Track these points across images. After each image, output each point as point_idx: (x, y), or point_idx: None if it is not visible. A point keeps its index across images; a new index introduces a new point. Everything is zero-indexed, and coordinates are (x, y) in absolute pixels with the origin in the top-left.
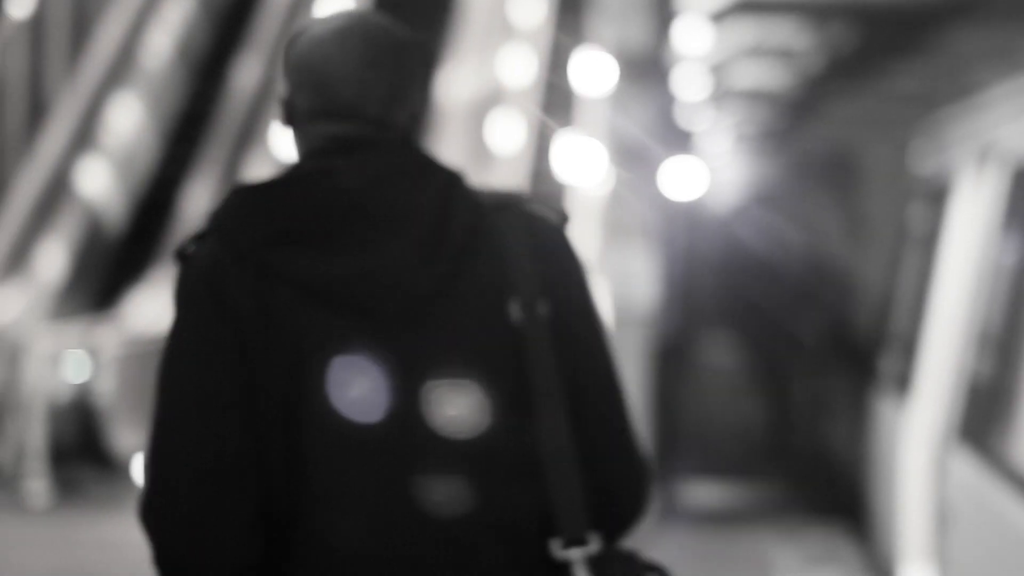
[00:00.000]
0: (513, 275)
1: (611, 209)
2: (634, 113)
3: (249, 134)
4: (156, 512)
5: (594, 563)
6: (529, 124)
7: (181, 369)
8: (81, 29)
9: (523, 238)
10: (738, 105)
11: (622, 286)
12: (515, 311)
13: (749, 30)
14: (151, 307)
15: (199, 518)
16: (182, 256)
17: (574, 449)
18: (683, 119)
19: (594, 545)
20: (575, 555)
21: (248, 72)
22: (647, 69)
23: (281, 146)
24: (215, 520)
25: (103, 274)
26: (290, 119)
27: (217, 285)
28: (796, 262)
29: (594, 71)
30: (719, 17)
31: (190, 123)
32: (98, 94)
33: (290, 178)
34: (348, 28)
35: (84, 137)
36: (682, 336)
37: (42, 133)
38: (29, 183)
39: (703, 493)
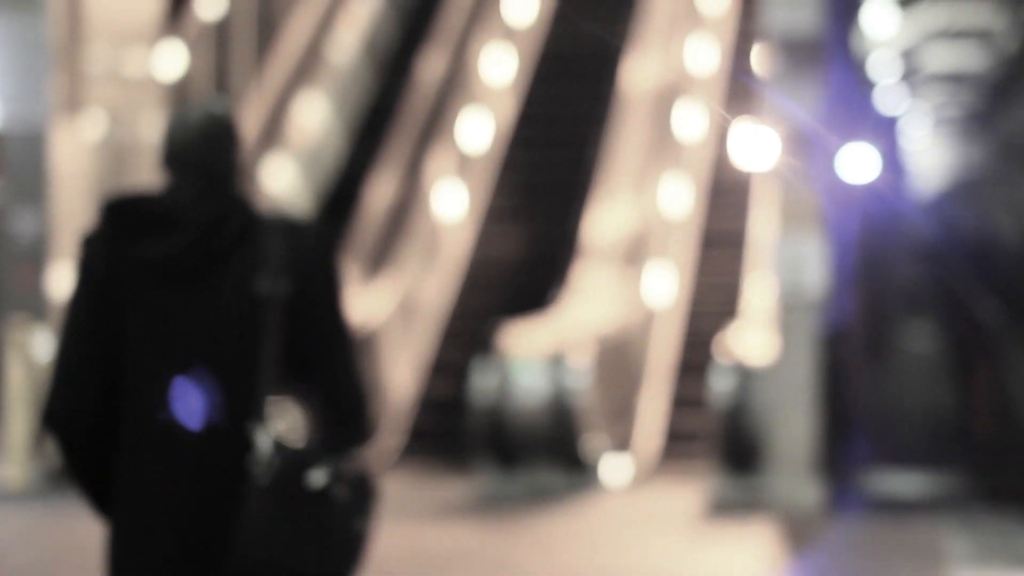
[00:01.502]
0: (268, 260)
1: (785, 196)
2: (815, 99)
3: (434, 127)
4: (50, 388)
5: (275, 443)
6: (711, 112)
7: (69, 307)
8: (267, 28)
9: (280, 240)
10: (934, 88)
11: (792, 272)
12: (262, 283)
13: (940, 13)
14: None
15: (67, 390)
16: (81, 242)
17: (289, 366)
18: (875, 104)
19: (274, 427)
20: (257, 432)
21: (433, 66)
22: (830, 54)
23: (466, 138)
24: (76, 392)
25: None
26: (165, 166)
27: (89, 259)
28: (998, 246)
29: (774, 59)
30: (907, 2)
31: (376, 118)
32: (285, 92)
33: (134, 199)
34: (189, 114)
35: (271, 135)
36: (865, 322)
37: None
38: None
39: (882, 481)
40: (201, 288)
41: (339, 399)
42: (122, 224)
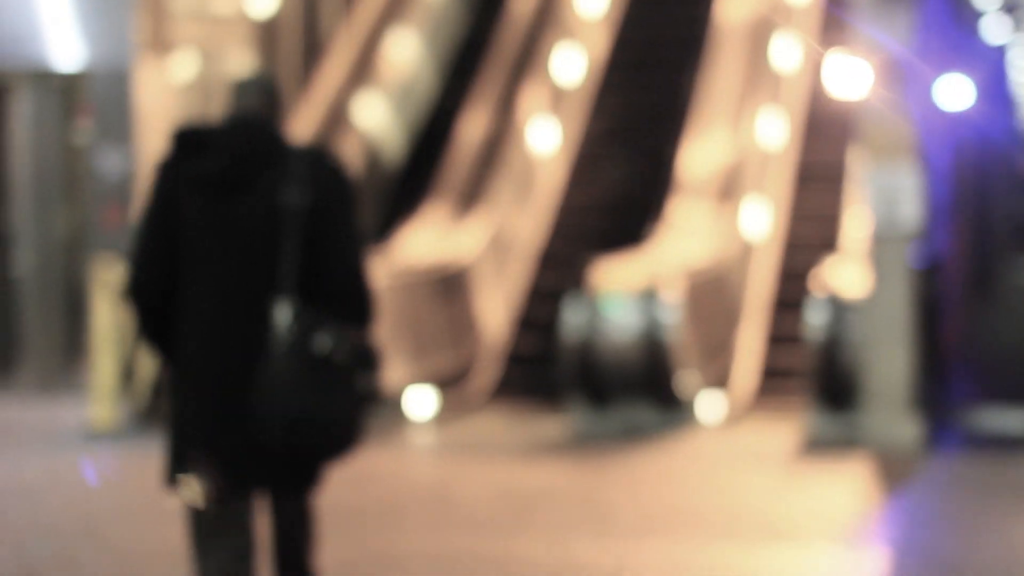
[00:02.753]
0: (292, 180)
1: (880, 127)
2: (910, 29)
3: (527, 61)
4: (128, 270)
5: (295, 317)
6: (806, 43)
7: (144, 211)
8: None
9: (303, 165)
10: None
11: (888, 204)
12: (287, 197)
13: None
14: (421, 239)
15: (141, 273)
16: (158, 162)
17: (304, 264)
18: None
19: (300, 313)
20: (280, 312)
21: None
22: None
23: (559, 71)
24: (147, 275)
25: (380, 207)
26: (226, 110)
27: (159, 176)
28: None
29: None
30: None
31: (468, 53)
32: (376, 29)
33: (190, 129)
34: (246, 79)
35: (362, 72)
36: (967, 255)
37: (320, 70)
38: (307, 118)
39: (983, 418)
40: (235, 199)
41: (344, 287)
42: (179, 148)
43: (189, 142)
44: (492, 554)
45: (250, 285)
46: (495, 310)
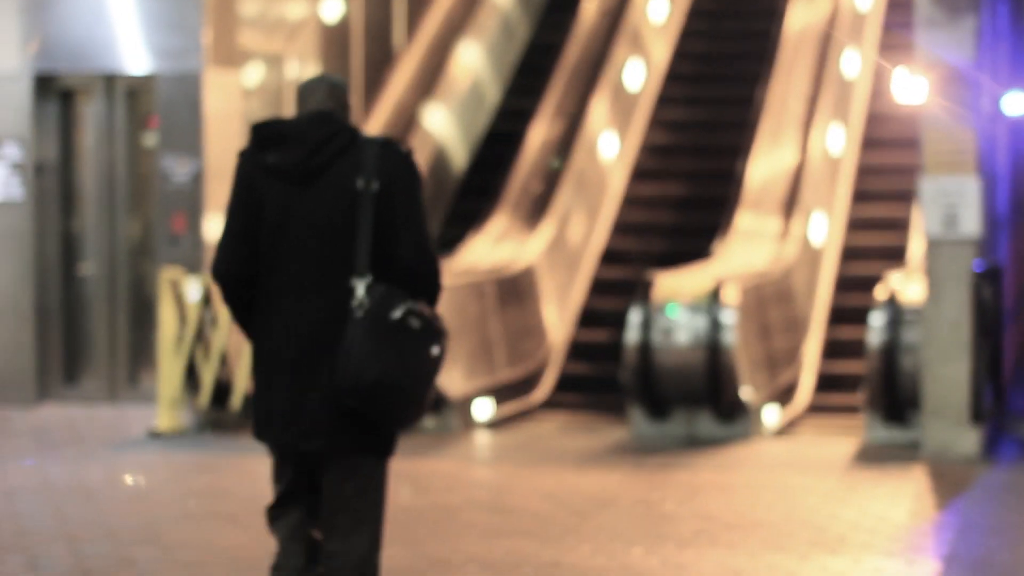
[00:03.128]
0: (362, 164)
1: (942, 136)
2: (973, 41)
3: (593, 68)
4: (216, 252)
5: (369, 290)
6: (869, 54)
7: (229, 199)
8: None
9: (374, 153)
10: None
11: (948, 212)
12: (359, 182)
13: None
14: (486, 245)
15: (227, 254)
16: (240, 153)
17: (376, 243)
18: None
19: (373, 285)
20: (358, 286)
21: (592, 4)
22: None
23: (625, 78)
24: (232, 256)
25: (446, 213)
26: (296, 109)
27: (241, 166)
28: None
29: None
30: None
31: (535, 59)
32: (444, 37)
33: (268, 122)
34: (314, 79)
35: (430, 79)
36: None
37: (389, 76)
38: (375, 125)
39: None
40: (311, 187)
41: (412, 263)
42: (258, 140)
43: (268, 134)
44: (546, 560)
45: (326, 263)
46: (559, 316)
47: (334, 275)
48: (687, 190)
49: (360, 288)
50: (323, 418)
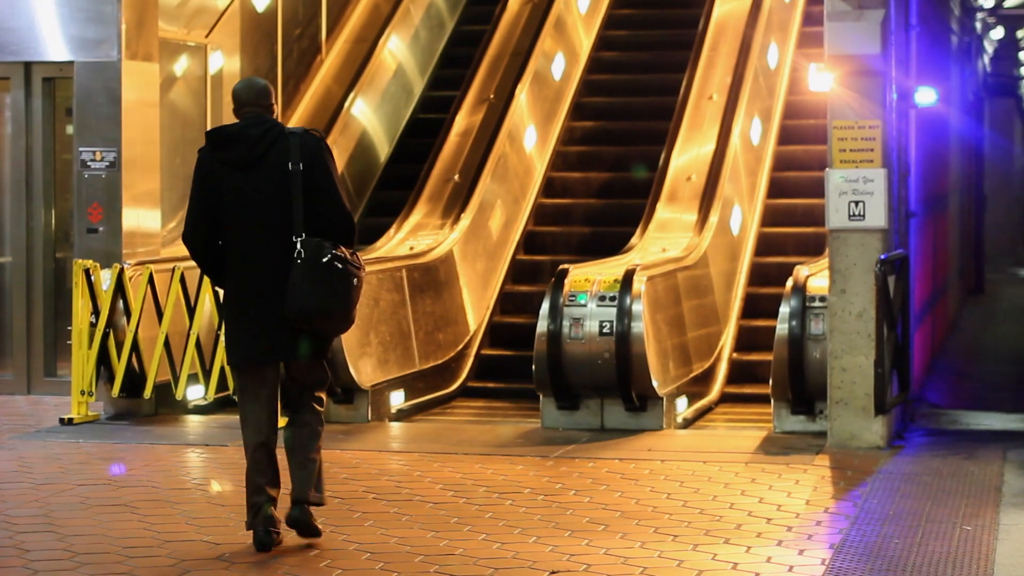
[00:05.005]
0: (290, 151)
1: (847, 129)
2: (885, 29)
3: (516, 57)
4: (185, 223)
5: (304, 243)
6: (786, 45)
7: (192, 185)
8: None
9: (297, 139)
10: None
11: (856, 203)
12: (289, 165)
13: None
14: (405, 235)
15: (194, 225)
16: (200, 151)
17: (307, 208)
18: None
19: (306, 239)
20: (296, 241)
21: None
22: None
23: (547, 66)
24: (198, 226)
25: (367, 202)
26: (234, 111)
27: (201, 161)
28: None
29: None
30: None
31: (457, 50)
32: (369, 25)
33: (219, 129)
34: (248, 80)
35: (352, 69)
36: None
37: (316, 70)
38: (300, 114)
39: (948, 417)
40: (256, 171)
41: (332, 220)
42: (212, 142)
43: (219, 137)
44: (437, 549)
45: (271, 226)
46: (479, 305)
47: (278, 234)
48: (610, 179)
49: (298, 242)
50: (279, 338)
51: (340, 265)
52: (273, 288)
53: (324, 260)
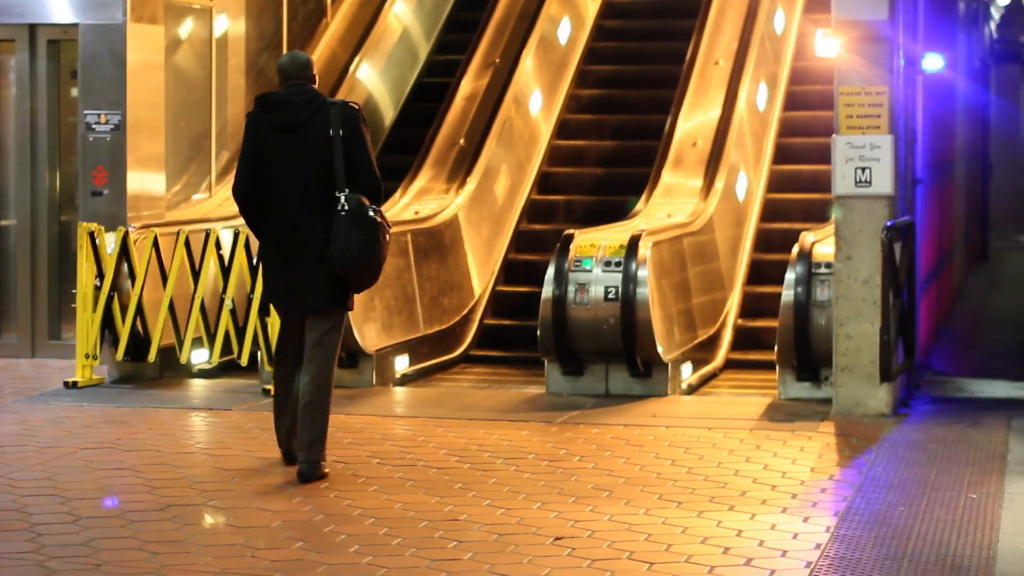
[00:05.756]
0: (331, 121)
1: (854, 95)
2: None
3: (522, 21)
4: (235, 178)
5: (347, 198)
6: (792, 8)
7: (242, 146)
8: None
9: (337, 110)
10: None
11: (863, 170)
12: (330, 131)
13: None
14: (410, 199)
15: (243, 180)
16: (248, 114)
17: (343, 167)
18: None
19: (350, 195)
20: (340, 196)
21: None
22: None
23: (552, 31)
24: (246, 181)
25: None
26: (280, 83)
27: (249, 123)
28: None
29: None
30: None
31: (464, 14)
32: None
33: (266, 95)
34: (292, 54)
35: (357, 32)
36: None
37: (321, 34)
38: None
39: (954, 385)
40: (299, 135)
41: (364, 182)
42: (260, 106)
43: (267, 102)
44: (443, 514)
45: (312, 184)
46: (480, 271)
47: (318, 191)
48: (615, 145)
49: (341, 197)
50: (310, 287)
51: (379, 219)
52: (312, 241)
53: (368, 213)
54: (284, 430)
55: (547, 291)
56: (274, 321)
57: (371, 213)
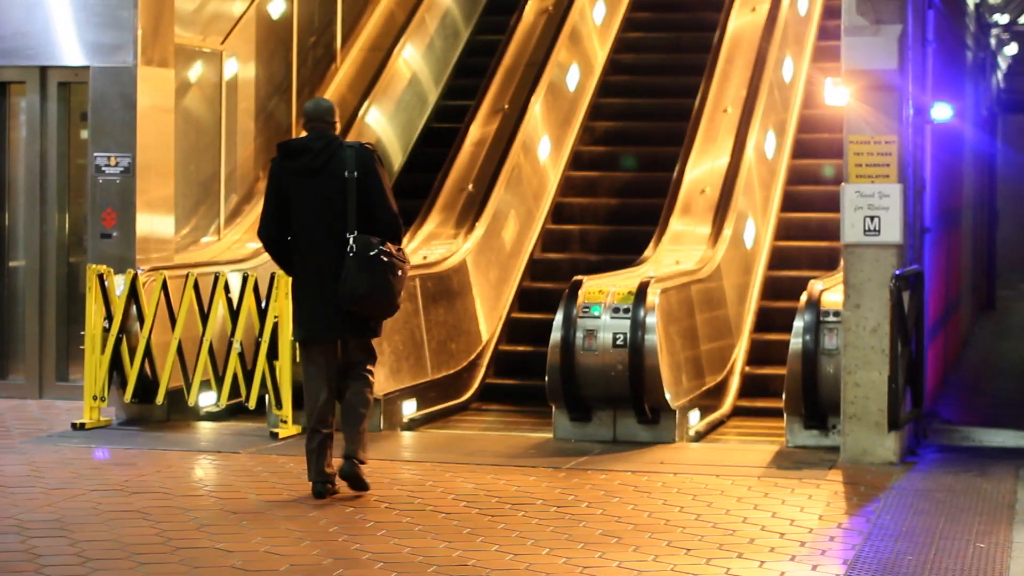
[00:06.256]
0: (346, 163)
1: (863, 143)
2: (901, 46)
3: (531, 69)
4: (260, 221)
5: (355, 239)
6: (800, 57)
7: (266, 190)
8: None
9: (352, 152)
10: None
11: (871, 218)
12: (347, 174)
13: None
14: (418, 244)
15: (267, 223)
16: (272, 160)
17: (360, 210)
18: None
19: (358, 236)
20: (349, 237)
21: (532, 6)
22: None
23: (563, 80)
24: (270, 224)
25: None
26: (303, 125)
27: (272, 169)
28: None
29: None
30: None
31: (473, 60)
32: (384, 35)
33: (288, 141)
34: (316, 100)
35: (368, 76)
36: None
37: (331, 78)
38: None
39: (963, 434)
40: (319, 179)
41: (382, 220)
42: (283, 152)
43: (289, 149)
44: (450, 559)
45: (330, 224)
46: (487, 316)
47: (335, 231)
48: (624, 189)
49: (351, 239)
50: (337, 319)
51: (385, 258)
52: (332, 277)
53: (371, 254)
54: (319, 462)
55: (555, 337)
56: (282, 365)
57: (377, 252)
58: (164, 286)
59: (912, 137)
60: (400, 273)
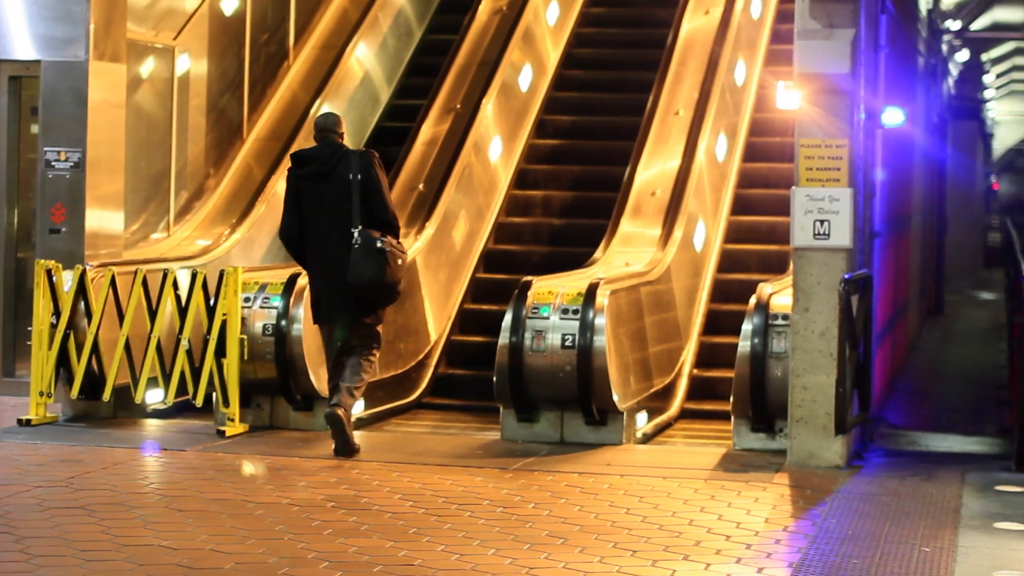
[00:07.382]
0: (351, 166)
1: (814, 147)
2: (854, 48)
3: (483, 68)
4: (281, 222)
5: (360, 232)
6: (754, 62)
7: (285, 195)
8: None
9: (356, 157)
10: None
11: (820, 221)
12: (350, 176)
13: None
14: None
15: (287, 224)
16: (288, 169)
17: (362, 207)
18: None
19: (362, 230)
20: (355, 231)
21: (485, 8)
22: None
23: (514, 79)
24: (290, 225)
25: None
26: (314, 135)
27: (288, 177)
28: None
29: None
30: None
31: (426, 59)
32: (337, 34)
33: (300, 151)
34: (325, 114)
35: (320, 75)
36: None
37: (283, 76)
38: (267, 120)
39: (908, 438)
40: (327, 182)
41: (381, 217)
42: (295, 161)
43: (300, 157)
44: (396, 559)
45: (338, 221)
46: (436, 316)
47: (343, 227)
48: (574, 191)
49: (355, 232)
50: (346, 305)
51: (386, 248)
52: (340, 268)
53: (374, 245)
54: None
55: (504, 337)
56: (230, 362)
57: (379, 244)
58: (112, 282)
59: (863, 141)
60: (400, 262)
